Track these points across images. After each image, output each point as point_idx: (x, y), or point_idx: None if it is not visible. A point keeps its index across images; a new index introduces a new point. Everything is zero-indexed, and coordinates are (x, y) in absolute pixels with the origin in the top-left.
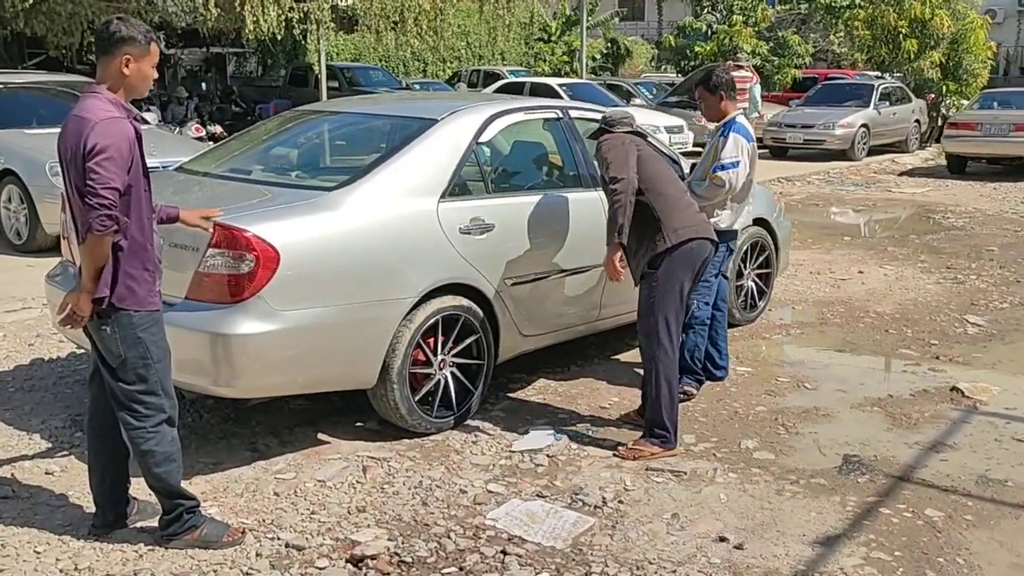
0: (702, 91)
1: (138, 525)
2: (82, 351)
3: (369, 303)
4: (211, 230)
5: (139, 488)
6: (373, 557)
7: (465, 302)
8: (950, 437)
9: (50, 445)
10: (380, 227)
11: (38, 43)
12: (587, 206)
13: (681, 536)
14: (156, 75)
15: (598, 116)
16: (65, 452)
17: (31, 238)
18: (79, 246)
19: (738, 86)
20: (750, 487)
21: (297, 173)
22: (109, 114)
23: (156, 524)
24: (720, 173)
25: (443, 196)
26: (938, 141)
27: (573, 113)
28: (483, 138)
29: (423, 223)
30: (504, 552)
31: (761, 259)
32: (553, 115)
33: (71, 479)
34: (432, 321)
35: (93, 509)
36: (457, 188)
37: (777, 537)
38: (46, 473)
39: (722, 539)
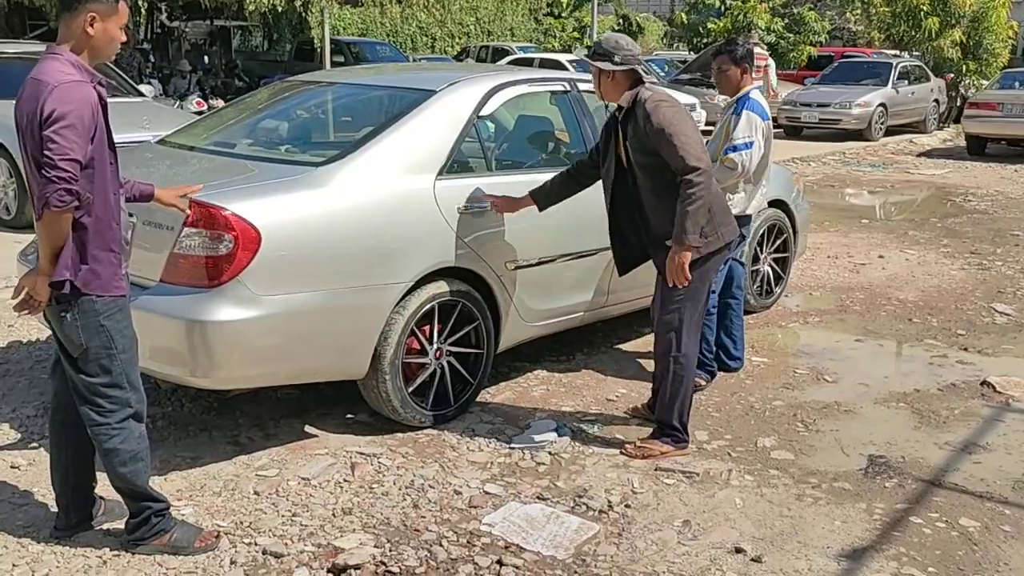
0: (725, 60)
1: (104, 527)
2: None
3: (359, 288)
4: (187, 210)
5: (106, 486)
6: (357, 567)
7: (463, 287)
8: (983, 437)
9: (19, 436)
10: (372, 206)
11: (39, 14)
12: (596, 184)
13: (693, 546)
14: (124, 38)
15: None
16: (35, 444)
17: (20, 213)
18: (36, 223)
19: (756, 63)
20: (768, 491)
21: (285, 147)
22: (70, 77)
23: (123, 527)
24: (732, 155)
25: (440, 173)
26: (956, 121)
27: (582, 86)
28: (484, 111)
29: (419, 202)
30: (500, 562)
31: (778, 243)
32: (560, 87)
33: (38, 474)
34: (427, 307)
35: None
36: (456, 165)
37: (799, 549)
38: (11, 467)
39: (738, 550)
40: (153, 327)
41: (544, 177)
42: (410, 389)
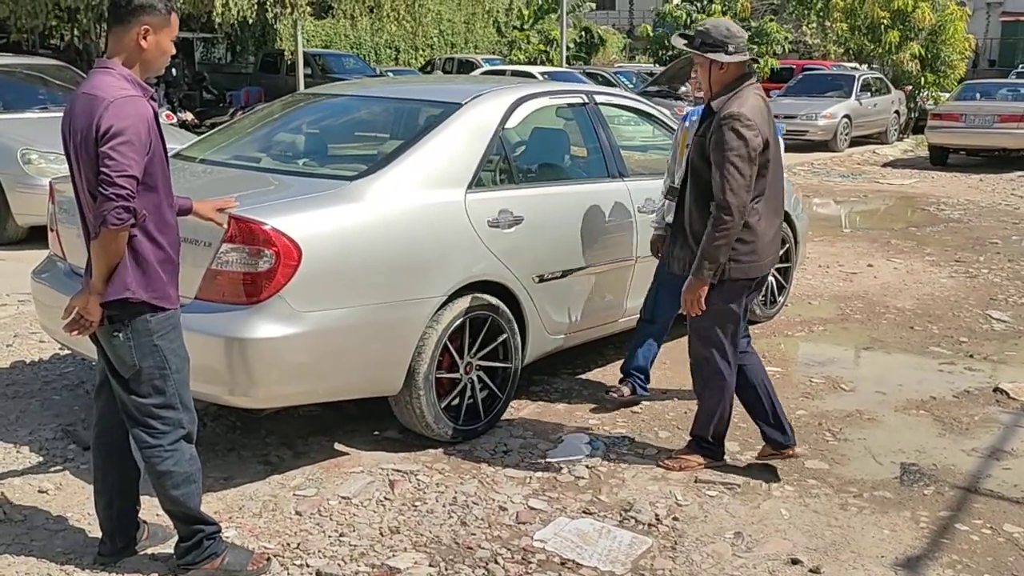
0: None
1: (148, 552)
2: (67, 352)
3: (396, 303)
4: (224, 225)
5: (148, 509)
6: None
7: (493, 300)
8: (1007, 443)
9: (41, 459)
10: (406, 220)
11: (1, 27)
12: (615, 197)
13: (749, 558)
14: (174, 50)
15: (623, 101)
16: (58, 467)
17: (1, 230)
18: (91, 242)
19: None
20: (811, 501)
21: (312, 161)
22: (125, 92)
23: (170, 550)
24: None
25: (470, 187)
26: (916, 132)
27: (599, 98)
28: (509, 124)
29: (451, 216)
30: None
31: (781, 253)
32: (579, 100)
33: (68, 498)
34: (460, 321)
35: (97, 534)
36: (484, 178)
37: (854, 559)
38: (39, 492)
39: (795, 562)
40: (189, 345)
41: (572, 189)
42: (442, 405)
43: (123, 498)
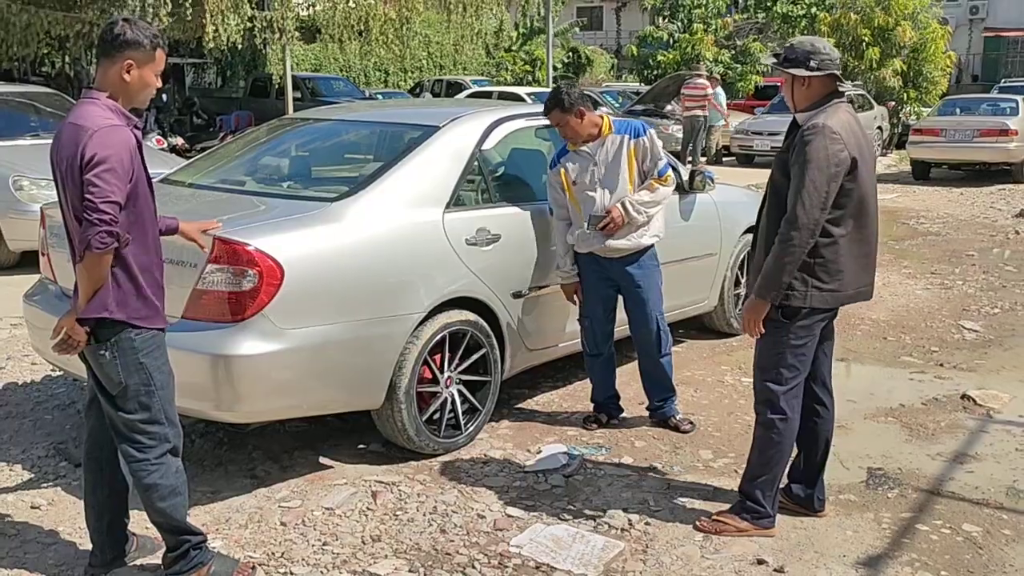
0: (557, 114)
1: (138, 563)
2: (58, 373)
3: (376, 319)
4: (207, 247)
5: (136, 522)
6: None
7: (472, 316)
8: (971, 447)
9: (33, 476)
10: (386, 239)
11: None
12: None
13: (717, 559)
14: (159, 83)
15: None
16: (50, 484)
17: None
18: (76, 265)
19: (691, 92)
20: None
21: (295, 184)
22: (109, 122)
23: (158, 561)
24: (670, 172)
25: (448, 206)
26: (899, 148)
27: None
28: (486, 145)
29: (429, 234)
30: None
31: None
32: None
33: (60, 513)
34: (439, 337)
35: (88, 546)
36: (461, 198)
37: (817, 559)
38: (32, 507)
39: (760, 562)
40: (176, 362)
41: (543, 207)
42: (423, 418)
43: (113, 511)
